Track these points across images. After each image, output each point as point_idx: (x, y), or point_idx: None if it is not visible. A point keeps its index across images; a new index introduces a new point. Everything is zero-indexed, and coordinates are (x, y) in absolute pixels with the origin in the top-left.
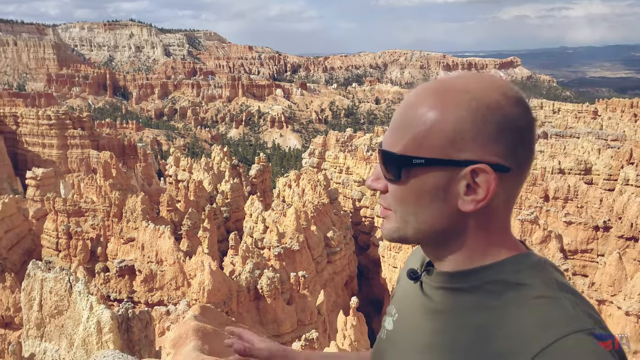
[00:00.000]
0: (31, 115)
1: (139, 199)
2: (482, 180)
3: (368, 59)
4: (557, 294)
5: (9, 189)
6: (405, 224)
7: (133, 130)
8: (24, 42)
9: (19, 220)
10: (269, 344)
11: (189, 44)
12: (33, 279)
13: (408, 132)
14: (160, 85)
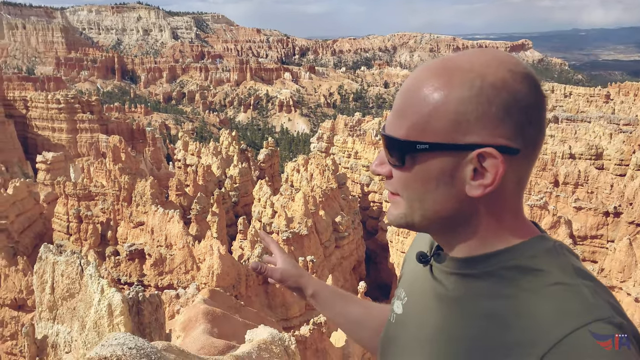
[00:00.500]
0: (40, 99)
1: (148, 184)
2: (490, 165)
3: (377, 42)
4: (575, 280)
5: (20, 173)
6: (411, 210)
7: (142, 114)
8: (32, 25)
9: (30, 204)
10: (286, 265)
11: (197, 27)
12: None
13: (411, 115)
14: (169, 68)
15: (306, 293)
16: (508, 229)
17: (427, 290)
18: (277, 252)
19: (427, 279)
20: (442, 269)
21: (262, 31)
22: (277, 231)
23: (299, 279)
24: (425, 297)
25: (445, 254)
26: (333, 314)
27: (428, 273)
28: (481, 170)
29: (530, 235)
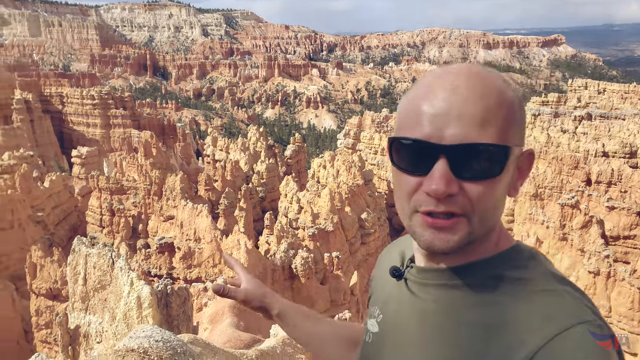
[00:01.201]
0: (76, 95)
1: (178, 178)
2: (529, 163)
3: (405, 37)
4: (557, 286)
5: (56, 167)
6: (481, 225)
7: (172, 110)
8: (68, 23)
9: (65, 197)
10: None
11: (227, 24)
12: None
13: (497, 121)
14: (199, 65)
15: (272, 313)
16: (494, 238)
17: (404, 306)
18: (240, 273)
19: (403, 294)
20: (421, 281)
21: (290, 27)
22: (303, 227)
23: (264, 299)
24: (403, 312)
25: (425, 267)
26: (300, 334)
27: (403, 288)
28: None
29: (509, 244)
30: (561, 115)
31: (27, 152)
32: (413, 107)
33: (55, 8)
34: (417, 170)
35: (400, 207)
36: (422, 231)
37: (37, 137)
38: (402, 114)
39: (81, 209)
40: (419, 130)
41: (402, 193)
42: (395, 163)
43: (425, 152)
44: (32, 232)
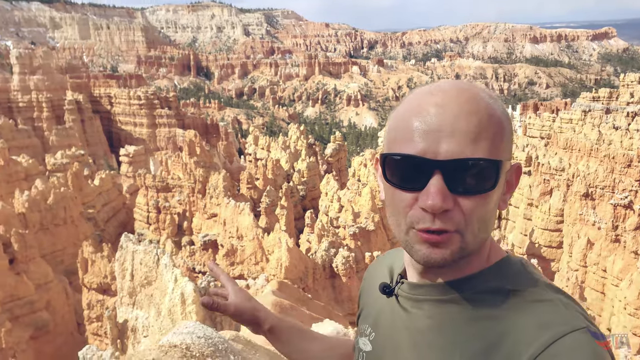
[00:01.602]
0: (123, 95)
1: (221, 176)
2: (514, 178)
3: (448, 33)
4: (550, 295)
5: (106, 165)
6: (474, 239)
7: (215, 109)
8: (115, 25)
9: (114, 195)
10: (240, 299)
11: (267, 23)
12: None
13: (489, 135)
14: (240, 65)
15: (263, 327)
16: (486, 250)
17: (396, 323)
18: (228, 285)
19: (394, 310)
20: (413, 297)
21: (330, 25)
22: (344, 226)
23: (255, 312)
24: (395, 330)
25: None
26: (291, 350)
27: (394, 304)
28: (508, 185)
29: (500, 256)
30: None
31: (78, 151)
32: (405, 123)
33: (103, 11)
34: (412, 186)
35: (395, 223)
36: (419, 246)
37: (87, 137)
38: (393, 130)
39: (129, 206)
40: (413, 146)
41: (397, 209)
42: (388, 179)
43: (420, 167)
44: (83, 228)
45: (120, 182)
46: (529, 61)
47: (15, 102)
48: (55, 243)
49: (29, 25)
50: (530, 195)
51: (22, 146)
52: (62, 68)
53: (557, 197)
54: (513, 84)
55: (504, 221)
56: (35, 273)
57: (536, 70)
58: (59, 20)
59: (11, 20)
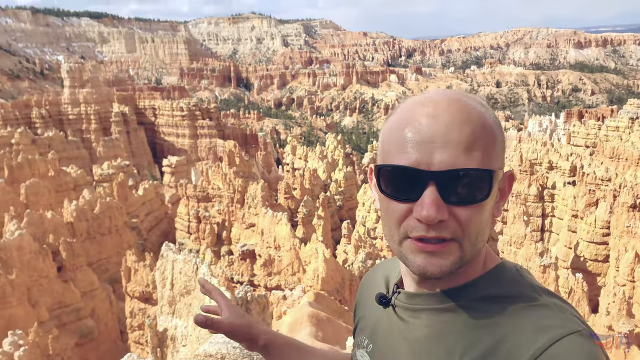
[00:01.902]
0: (166, 107)
1: (259, 186)
2: (507, 185)
3: (488, 39)
4: (546, 300)
5: (149, 176)
6: (472, 248)
7: (254, 120)
8: (160, 39)
9: (157, 204)
10: (233, 316)
11: (306, 33)
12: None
13: (481, 145)
14: (279, 75)
15: (257, 344)
16: (482, 258)
17: (393, 333)
18: (221, 302)
19: (392, 321)
20: (411, 307)
21: (368, 34)
22: (381, 236)
23: (249, 329)
24: (393, 340)
25: (414, 292)
26: None
27: (391, 315)
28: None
29: (495, 263)
30: None
31: (123, 161)
32: (397, 134)
33: (148, 25)
34: (407, 196)
35: (389, 234)
36: (414, 257)
37: (132, 148)
38: (386, 141)
39: (171, 215)
40: (406, 157)
41: (391, 220)
42: (383, 190)
43: (414, 178)
44: (127, 237)
45: (163, 192)
46: (573, 67)
47: (66, 114)
48: (101, 252)
49: (79, 40)
50: (575, 206)
51: (72, 157)
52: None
53: (603, 208)
54: (556, 90)
55: (547, 233)
56: (82, 281)
57: (581, 76)
58: (107, 35)
59: (62, 36)
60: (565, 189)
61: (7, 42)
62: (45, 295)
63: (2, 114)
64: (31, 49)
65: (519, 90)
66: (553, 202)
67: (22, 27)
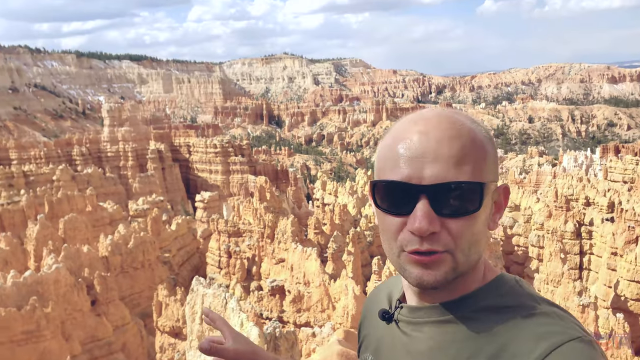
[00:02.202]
0: (200, 144)
1: (289, 222)
2: (503, 198)
3: (519, 75)
4: (545, 308)
5: (182, 211)
6: (466, 259)
7: (285, 156)
8: (195, 79)
9: (189, 239)
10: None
11: (336, 72)
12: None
13: (472, 159)
14: (310, 112)
15: None
16: (480, 270)
17: (397, 348)
18: (225, 330)
19: (395, 335)
20: (412, 320)
21: (397, 72)
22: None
23: (254, 356)
24: (397, 354)
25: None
26: None
27: (395, 330)
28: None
29: (494, 274)
30: None
31: (158, 197)
32: (391, 151)
33: (185, 66)
34: (400, 210)
35: (387, 247)
36: (412, 268)
37: (167, 184)
38: (381, 158)
39: (202, 250)
40: (399, 172)
41: (388, 233)
42: (378, 205)
43: (407, 193)
44: (159, 272)
45: (195, 227)
46: (607, 102)
47: (105, 152)
48: (133, 286)
49: (119, 82)
50: (614, 243)
51: (109, 193)
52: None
53: None
54: (591, 125)
55: (585, 271)
56: (114, 315)
57: (616, 111)
58: (146, 76)
59: (104, 77)
60: (604, 226)
61: (52, 83)
62: (78, 328)
63: (45, 152)
64: (74, 90)
65: (552, 125)
66: (591, 239)
67: (67, 69)
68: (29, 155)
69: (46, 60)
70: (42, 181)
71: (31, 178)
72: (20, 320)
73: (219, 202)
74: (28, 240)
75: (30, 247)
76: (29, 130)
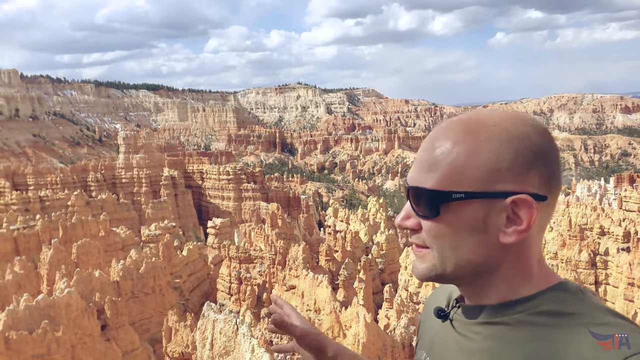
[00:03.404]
0: (213, 171)
1: (301, 248)
2: (524, 211)
3: (531, 105)
4: (611, 319)
5: (194, 237)
6: (443, 260)
7: (297, 183)
8: (210, 108)
9: (200, 265)
10: (305, 325)
11: (349, 101)
12: (207, 319)
13: (442, 167)
14: (322, 141)
15: (327, 353)
16: (534, 275)
17: (450, 346)
18: (293, 313)
19: (449, 334)
20: (466, 320)
21: (410, 101)
22: (424, 301)
23: (319, 337)
24: (449, 353)
25: (469, 305)
26: None
27: (449, 328)
28: (513, 217)
29: (555, 281)
30: None
31: (170, 223)
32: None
33: (200, 95)
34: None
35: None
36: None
37: (179, 210)
38: None
39: (213, 277)
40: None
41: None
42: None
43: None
44: (170, 297)
45: (206, 253)
46: (621, 132)
47: (119, 178)
48: (143, 311)
49: (136, 110)
50: (631, 274)
51: (122, 218)
52: (161, 147)
53: None
54: (604, 155)
55: None
56: (124, 340)
57: (630, 140)
58: (162, 104)
59: (121, 106)
60: (619, 256)
61: (70, 112)
62: (88, 353)
63: (61, 178)
64: (92, 118)
65: (565, 154)
66: (606, 269)
67: (86, 98)
68: (46, 180)
69: (66, 89)
70: (57, 206)
71: (47, 203)
72: (31, 344)
73: (231, 229)
74: (42, 264)
75: (44, 271)
76: (46, 156)
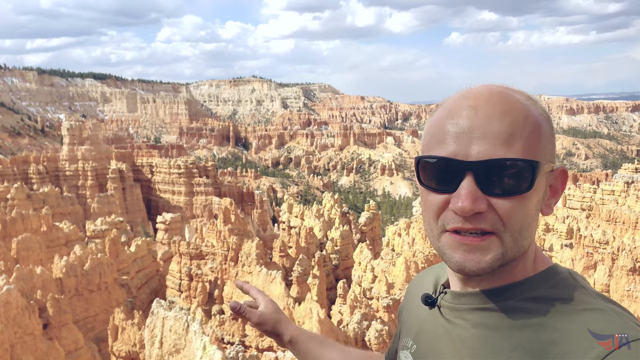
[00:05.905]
0: (164, 165)
1: (254, 244)
2: (560, 182)
3: None
4: (601, 304)
5: (142, 232)
6: (514, 244)
7: (251, 178)
8: (161, 99)
9: (148, 262)
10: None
11: (305, 96)
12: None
13: (524, 137)
14: (278, 135)
15: (283, 339)
16: (530, 258)
17: (438, 334)
18: (258, 296)
19: (437, 321)
20: (455, 306)
21: (365, 98)
22: (377, 297)
23: (277, 324)
24: (439, 341)
25: (457, 291)
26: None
27: (437, 315)
28: (552, 190)
29: (546, 265)
30: None
31: (117, 218)
32: (438, 127)
33: (151, 86)
34: (444, 188)
35: (428, 228)
36: (452, 252)
37: (127, 204)
38: (428, 134)
39: (162, 273)
40: (445, 148)
41: (429, 212)
42: (422, 182)
43: (452, 169)
44: (116, 294)
45: (156, 249)
46: (566, 132)
47: (63, 170)
48: (88, 309)
49: (81, 100)
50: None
51: (66, 213)
52: (108, 139)
53: (602, 271)
54: None
55: None
56: (67, 339)
57: (574, 141)
58: (109, 94)
59: (65, 95)
60: (563, 252)
61: (11, 100)
62: (28, 353)
63: (0, 169)
64: (34, 107)
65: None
66: None
67: (27, 86)
68: None
69: (6, 76)
70: None
71: None
72: None
73: (181, 224)
74: None
75: None
76: None
